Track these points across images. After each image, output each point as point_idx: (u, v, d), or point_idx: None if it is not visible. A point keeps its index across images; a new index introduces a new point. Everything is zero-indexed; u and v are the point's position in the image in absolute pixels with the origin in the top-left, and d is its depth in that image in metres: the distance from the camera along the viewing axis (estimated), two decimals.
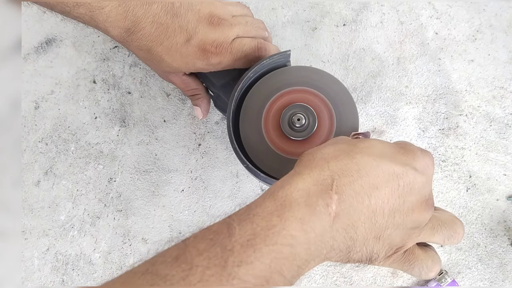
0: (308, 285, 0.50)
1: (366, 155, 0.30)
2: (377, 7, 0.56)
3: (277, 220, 0.26)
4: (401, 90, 0.54)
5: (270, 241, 0.25)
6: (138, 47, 0.40)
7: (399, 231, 0.31)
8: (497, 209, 0.50)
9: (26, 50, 0.56)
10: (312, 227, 0.27)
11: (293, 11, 0.56)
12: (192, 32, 0.40)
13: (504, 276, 0.49)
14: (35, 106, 0.55)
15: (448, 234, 0.35)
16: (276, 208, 0.27)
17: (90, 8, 0.37)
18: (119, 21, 0.38)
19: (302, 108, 0.40)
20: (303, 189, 0.28)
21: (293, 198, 0.27)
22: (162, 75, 0.46)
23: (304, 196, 0.27)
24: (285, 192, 0.28)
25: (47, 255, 0.52)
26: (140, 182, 0.53)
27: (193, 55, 0.41)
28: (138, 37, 0.39)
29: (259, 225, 0.26)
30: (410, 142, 0.34)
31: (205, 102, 0.48)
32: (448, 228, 0.36)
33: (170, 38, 0.40)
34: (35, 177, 0.54)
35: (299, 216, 0.27)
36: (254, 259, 0.25)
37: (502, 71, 0.53)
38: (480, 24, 0.55)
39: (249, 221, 0.26)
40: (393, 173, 0.30)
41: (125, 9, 0.38)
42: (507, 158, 0.51)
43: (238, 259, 0.25)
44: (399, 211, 0.30)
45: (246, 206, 0.28)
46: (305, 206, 0.27)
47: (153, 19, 0.39)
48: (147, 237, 0.52)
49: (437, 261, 0.36)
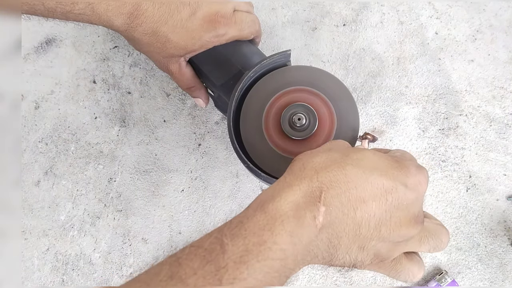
0: (308, 285, 0.50)
1: (357, 167, 0.30)
2: (377, 7, 0.56)
3: (269, 235, 0.26)
4: (401, 90, 0.54)
5: (262, 256, 0.26)
6: (143, 31, 0.41)
7: (385, 243, 0.32)
8: (497, 209, 0.50)
9: (26, 50, 0.56)
10: (300, 239, 0.27)
11: (293, 11, 0.56)
12: (195, 5, 0.41)
13: (504, 276, 0.49)
14: (35, 106, 0.55)
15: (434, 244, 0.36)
16: (267, 222, 0.27)
17: (89, 1, 0.37)
18: (120, 7, 0.39)
19: (303, 108, 0.40)
20: (292, 202, 0.28)
21: (283, 211, 0.28)
22: (162, 64, 0.46)
23: (294, 208, 0.28)
24: (275, 205, 0.28)
25: (47, 255, 0.52)
26: (140, 182, 0.53)
27: (200, 28, 0.41)
28: (142, 21, 0.40)
29: (251, 240, 0.26)
30: (408, 154, 0.34)
31: (203, 91, 0.49)
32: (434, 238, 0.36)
33: (174, 15, 0.40)
34: (35, 177, 0.54)
35: (289, 230, 0.27)
36: (247, 276, 0.25)
37: (502, 71, 0.53)
38: (480, 24, 0.55)
39: (241, 237, 0.27)
40: (382, 188, 0.30)
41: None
42: (507, 158, 0.51)
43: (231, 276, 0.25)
44: (385, 225, 0.30)
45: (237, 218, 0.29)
46: (294, 219, 0.27)
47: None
48: (147, 237, 0.52)
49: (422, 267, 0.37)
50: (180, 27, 0.41)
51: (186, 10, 0.41)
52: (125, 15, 0.39)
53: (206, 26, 0.42)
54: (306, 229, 0.28)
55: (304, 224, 0.28)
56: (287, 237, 0.27)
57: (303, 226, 0.28)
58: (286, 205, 0.28)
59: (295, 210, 0.28)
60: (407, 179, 0.31)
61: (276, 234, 0.27)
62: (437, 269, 0.50)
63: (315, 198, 0.28)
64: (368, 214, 0.29)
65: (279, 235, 0.27)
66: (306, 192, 0.29)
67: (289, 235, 0.27)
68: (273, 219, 0.27)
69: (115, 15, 0.39)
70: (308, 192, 0.29)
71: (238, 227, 0.27)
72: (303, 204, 0.28)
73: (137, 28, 0.40)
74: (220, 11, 0.42)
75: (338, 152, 0.32)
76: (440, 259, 0.50)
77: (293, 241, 0.27)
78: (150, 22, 0.40)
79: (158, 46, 0.42)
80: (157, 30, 0.41)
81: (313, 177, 0.29)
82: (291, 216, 0.27)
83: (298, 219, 0.28)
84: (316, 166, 0.30)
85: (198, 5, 0.41)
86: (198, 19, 0.41)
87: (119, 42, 0.56)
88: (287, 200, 0.28)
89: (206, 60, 0.45)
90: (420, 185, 0.32)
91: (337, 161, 0.30)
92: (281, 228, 0.27)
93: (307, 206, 0.28)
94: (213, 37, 0.42)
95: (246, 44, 0.46)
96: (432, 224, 0.36)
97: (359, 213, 0.29)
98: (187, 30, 0.41)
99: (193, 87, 0.48)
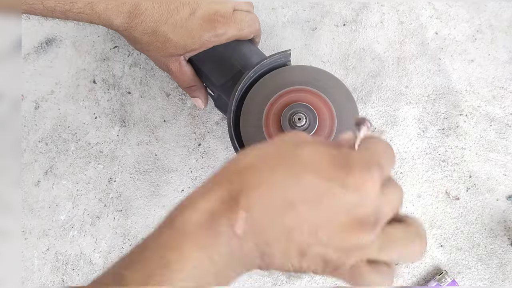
0: (308, 285, 0.50)
1: (287, 166, 0.26)
2: (377, 7, 0.56)
3: (176, 254, 0.23)
4: (401, 90, 0.54)
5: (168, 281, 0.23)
6: (143, 31, 0.41)
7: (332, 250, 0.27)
8: (497, 209, 0.50)
9: (26, 50, 0.56)
10: (218, 251, 0.24)
11: (293, 11, 0.56)
12: (195, 5, 0.41)
13: (504, 276, 0.49)
14: (35, 106, 0.55)
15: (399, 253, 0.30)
16: (174, 239, 0.24)
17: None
18: (119, 6, 0.39)
19: (303, 108, 0.40)
20: (206, 210, 0.25)
21: (192, 223, 0.24)
22: (162, 63, 0.46)
23: (207, 217, 0.24)
24: (185, 218, 0.25)
25: (47, 255, 0.52)
26: (140, 182, 0.53)
27: (199, 28, 0.42)
28: (141, 20, 0.40)
29: (153, 263, 0.23)
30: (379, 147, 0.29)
31: (203, 91, 0.49)
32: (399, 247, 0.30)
33: (174, 15, 0.41)
34: (35, 177, 0.54)
35: (201, 244, 0.24)
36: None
37: (502, 71, 0.53)
38: (480, 24, 0.55)
39: (141, 262, 0.23)
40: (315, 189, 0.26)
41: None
42: (507, 158, 0.51)
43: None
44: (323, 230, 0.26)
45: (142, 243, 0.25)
46: (207, 230, 0.24)
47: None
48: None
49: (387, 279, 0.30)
50: (179, 26, 0.41)
51: (185, 9, 0.41)
52: (125, 14, 0.39)
53: (206, 26, 0.42)
54: (223, 238, 0.24)
55: (219, 234, 0.24)
56: (199, 252, 0.24)
57: (219, 235, 0.24)
58: (198, 215, 0.24)
59: (209, 219, 0.24)
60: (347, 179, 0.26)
61: (184, 250, 0.23)
62: (437, 269, 0.50)
63: (233, 203, 0.25)
64: (299, 218, 0.25)
65: (188, 251, 0.23)
66: (223, 197, 0.25)
67: (203, 249, 0.24)
68: (181, 234, 0.24)
69: (114, 14, 0.39)
70: (226, 198, 0.25)
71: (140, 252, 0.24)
72: (218, 212, 0.24)
73: (137, 28, 0.41)
74: (219, 10, 0.42)
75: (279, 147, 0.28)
76: (440, 259, 0.50)
77: (208, 255, 0.24)
78: (149, 22, 0.40)
79: (158, 46, 0.42)
80: (156, 29, 0.41)
81: (234, 180, 0.25)
82: (203, 228, 0.24)
83: (211, 230, 0.24)
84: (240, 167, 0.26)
85: (198, 5, 0.41)
86: (198, 18, 0.41)
87: (119, 42, 0.56)
88: (199, 210, 0.25)
89: (206, 60, 0.45)
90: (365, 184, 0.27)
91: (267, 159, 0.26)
92: (190, 244, 0.24)
93: (223, 213, 0.24)
94: (213, 37, 0.42)
95: (246, 44, 0.46)
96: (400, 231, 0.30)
97: (287, 218, 0.25)
98: (187, 30, 0.41)
99: (193, 86, 0.48)
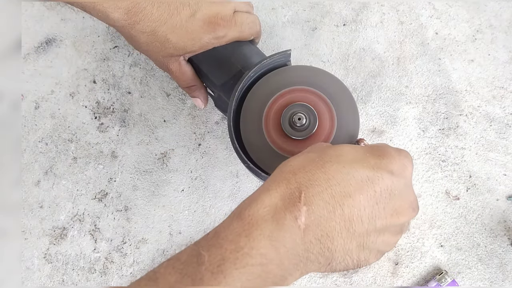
0: (308, 285, 0.50)
1: (336, 163, 0.29)
2: (377, 7, 0.56)
3: (246, 241, 0.26)
4: (401, 90, 0.54)
5: (240, 263, 0.25)
6: (141, 30, 0.40)
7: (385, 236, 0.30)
8: (497, 209, 0.50)
9: (26, 50, 0.56)
10: (282, 243, 0.26)
11: (293, 11, 0.56)
12: (195, 6, 0.41)
13: (504, 276, 0.49)
14: (35, 106, 0.55)
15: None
16: (243, 229, 0.26)
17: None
18: (118, 1, 0.38)
19: (303, 108, 0.40)
20: (270, 205, 0.27)
21: (259, 215, 0.27)
22: (161, 63, 0.46)
23: (271, 212, 0.27)
24: (252, 211, 0.27)
25: (47, 255, 0.52)
26: (140, 182, 0.53)
27: (199, 30, 0.41)
28: (140, 18, 0.39)
29: (228, 248, 0.26)
30: (385, 144, 0.33)
31: (203, 91, 0.49)
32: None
33: (173, 15, 0.40)
34: (35, 177, 0.54)
35: (267, 234, 0.26)
36: (225, 285, 0.24)
37: (502, 71, 0.53)
38: (480, 24, 0.55)
39: (218, 246, 0.26)
40: (367, 179, 0.28)
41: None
42: (507, 158, 0.51)
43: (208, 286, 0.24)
44: (380, 218, 0.29)
45: (214, 229, 0.28)
46: (273, 222, 0.27)
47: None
48: (147, 237, 0.52)
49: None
50: (179, 27, 0.41)
51: (186, 10, 0.41)
52: (123, 10, 0.39)
53: (206, 28, 0.41)
54: (287, 231, 0.27)
55: (284, 226, 0.27)
56: (266, 241, 0.26)
57: (284, 228, 0.27)
58: (263, 209, 0.27)
59: (274, 213, 0.27)
60: (391, 165, 0.29)
61: (253, 239, 0.26)
62: (437, 269, 0.50)
63: (294, 198, 0.27)
64: (358, 209, 0.28)
65: (256, 239, 0.26)
66: (284, 194, 0.28)
67: (268, 239, 0.26)
68: (249, 225, 0.27)
69: (111, 7, 0.38)
70: (287, 194, 0.28)
71: (215, 237, 0.27)
72: (281, 206, 0.27)
73: (135, 26, 0.40)
74: (220, 12, 0.42)
75: (315, 152, 0.31)
76: (440, 259, 0.50)
77: (273, 245, 0.26)
78: (148, 21, 0.40)
79: (157, 46, 0.42)
80: (156, 29, 0.40)
81: (290, 179, 0.28)
82: (269, 220, 0.27)
83: (277, 222, 0.27)
84: (293, 168, 0.29)
85: (198, 6, 0.41)
86: (198, 20, 0.41)
87: (119, 42, 0.56)
88: (264, 204, 0.27)
89: (206, 60, 0.45)
90: (406, 168, 0.30)
91: (314, 161, 0.30)
92: (258, 233, 0.26)
93: (287, 207, 0.27)
94: (213, 39, 0.42)
95: (246, 44, 0.46)
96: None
97: (347, 209, 0.28)
98: (187, 31, 0.41)
99: (193, 86, 0.47)
